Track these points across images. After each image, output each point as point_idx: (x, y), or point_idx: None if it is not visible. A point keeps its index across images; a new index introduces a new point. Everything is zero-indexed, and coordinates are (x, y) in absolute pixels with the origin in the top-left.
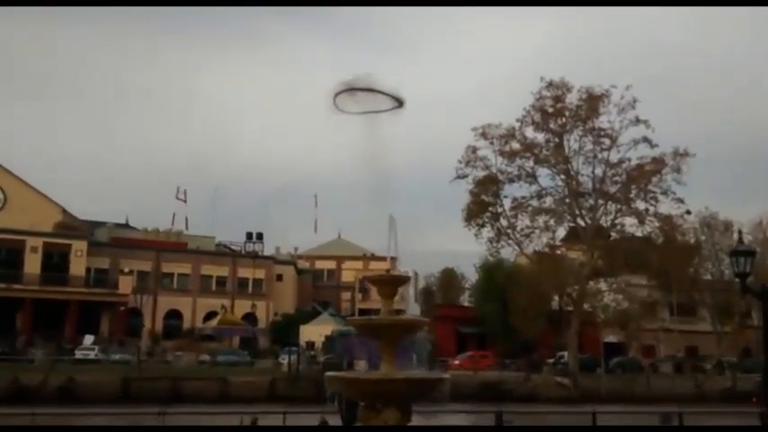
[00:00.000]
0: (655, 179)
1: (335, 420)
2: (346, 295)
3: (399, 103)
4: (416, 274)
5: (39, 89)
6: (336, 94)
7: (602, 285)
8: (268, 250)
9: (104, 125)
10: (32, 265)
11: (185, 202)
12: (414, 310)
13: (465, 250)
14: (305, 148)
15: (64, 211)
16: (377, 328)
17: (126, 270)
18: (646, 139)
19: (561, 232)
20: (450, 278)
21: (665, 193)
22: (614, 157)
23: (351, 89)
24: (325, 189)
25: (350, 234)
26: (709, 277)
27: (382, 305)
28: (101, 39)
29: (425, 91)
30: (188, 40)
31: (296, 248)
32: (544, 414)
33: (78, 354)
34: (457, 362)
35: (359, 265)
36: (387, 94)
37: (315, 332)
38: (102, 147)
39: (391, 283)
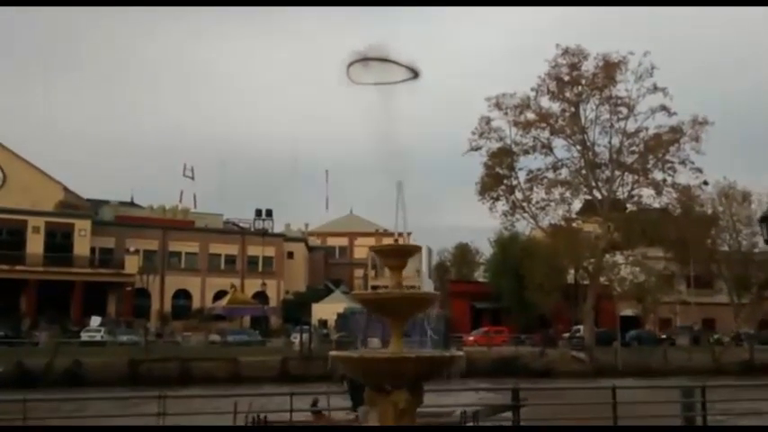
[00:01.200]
0: (672, 149)
1: (337, 401)
2: (359, 272)
3: (415, 74)
4: (430, 250)
5: (40, 65)
6: (350, 65)
7: (619, 258)
8: (278, 227)
9: (108, 101)
10: (35, 245)
11: (193, 179)
12: (428, 285)
13: (479, 225)
14: (315, 123)
15: (66, 189)
16: (384, 302)
17: (132, 249)
18: (664, 108)
19: (577, 205)
20: (464, 253)
21: (683, 162)
22: (631, 126)
23: (364, 59)
24: (336, 164)
25: (362, 210)
26: (726, 249)
27: (391, 278)
28: (106, 13)
29: (438, 61)
30: (195, 14)
31: (306, 225)
32: (562, 390)
33: (84, 336)
34: (472, 338)
35: (371, 241)
36: (402, 65)
37: (327, 310)
38: (105, 123)
39: (399, 254)
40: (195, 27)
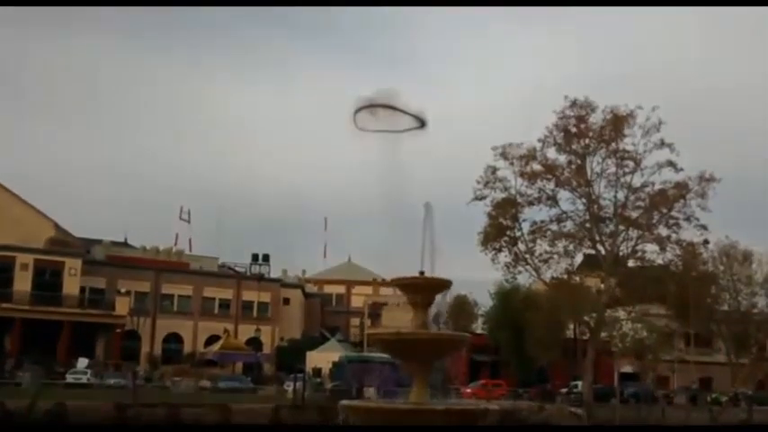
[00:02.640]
0: (678, 204)
1: None
2: (355, 321)
3: (422, 123)
4: None
5: (36, 102)
6: (357, 111)
7: (621, 314)
8: (275, 273)
9: (105, 140)
10: (22, 282)
11: (189, 222)
12: None
13: (476, 278)
14: (315, 170)
15: (57, 226)
16: (409, 344)
17: (123, 290)
18: (670, 163)
19: (579, 258)
20: (462, 305)
21: (688, 219)
22: (637, 180)
23: (372, 106)
24: (335, 212)
25: (360, 258)
26: (726, 308)
27: (413, 317)
28: (101, 53)
29: (436, 110)
30: (195, 57)
31: (304, 271)
32: None
33: (69, 377)
34: (469, 390)
35: (369, 290)
36: (409, 114)
37: (322, 358)
38: (101, 161)
39: (427, 289)
40: (196, 71)
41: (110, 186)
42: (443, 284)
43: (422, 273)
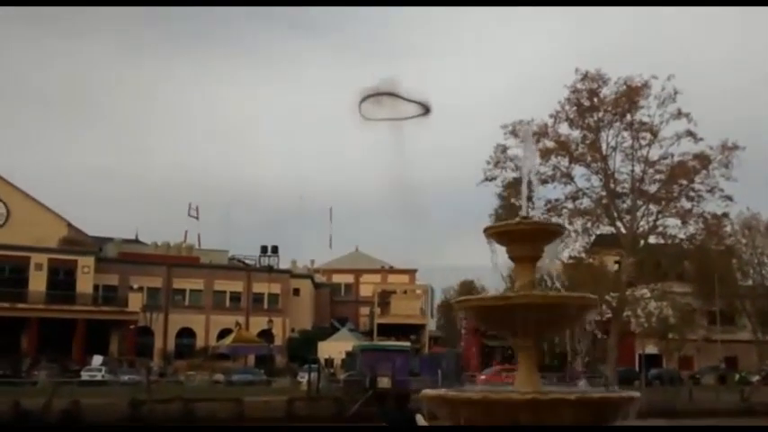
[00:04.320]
0: (700, 176)
1: None
2: (364, 310)
3: (426, 109)
4: (432, 290)
5: (46, 103)
6: (362, 101)
7: (645, 291)
8: (283, 264)
9: (114, 139)
10: (37, 282)
11: (197, 218)
12: (431, 325)
13: (480, 264)
14: (321, 161)
15: (69, 225)
16: (521, 311)
17: (135, 287)
18: (690, 133)
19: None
20: (469, 290)
21: (711, 190)
22: (655, 153)
23: (376, 94)
24: (343, 202)
25: (368, 247)
26: (750, 283)
27: (517, 276)
28: (111, 52)
29: (440, 97)
30: (201, 55)
31: (312, 261)
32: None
33: (84, 375)
34: (483, 377)
35: (377, 278)
36: (413, 101)
37: (333, 349)
38: (111, 160)
39: (536, 236)
40: (201, 68)
41: (120, 185)
42: (556, 230)
43: (525, 218)
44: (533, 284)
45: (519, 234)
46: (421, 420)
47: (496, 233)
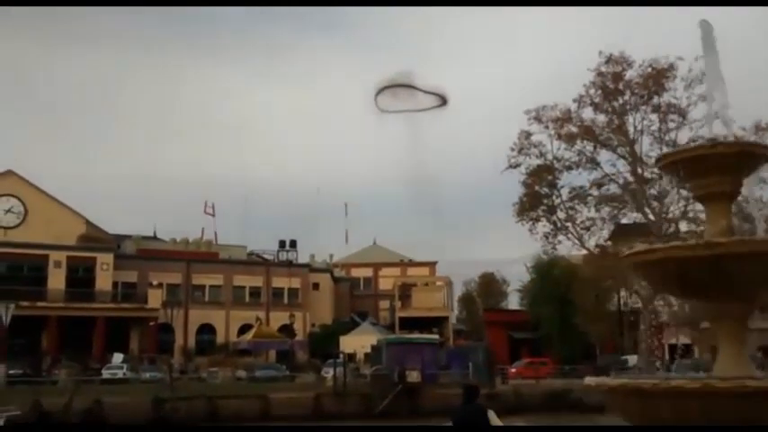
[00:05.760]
0: None
1: None
2: (384, 304)
3: (443, 100)
4: (451, 282)
5: (64, 102)
6: (378, 93)
7: None
8: (302, 258)
9: (131, 136)
10: (56, 280)
11: (214, 216)
12: (451, 318)
13: (499, 257)
14: (338, 154)
15: (88, 222)
16: (733, 262)
17: (155, 283)
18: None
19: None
20: (490, 283)
21: None
22: (685, 135)
23: (392, 86)
24: (360, 195)
25: (386, 240)
26: None
27: (710, 219)
28: (127, 52)
29: (456, 89)
30: (217, 52)
31: (331, 256)
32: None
33: (106, 373)
34: (514, 370)
35: (396, 271)
36: (430, 92)
37: (355, 343)
38: (128, 158)
39: (736, 165)
40: (217, 66)
41: (138, 183)
42: (763, 153)
43: (713, 141)
44: (732, 230)
45: (715, 161)
46: (494, 419)
47: (682, 160)
